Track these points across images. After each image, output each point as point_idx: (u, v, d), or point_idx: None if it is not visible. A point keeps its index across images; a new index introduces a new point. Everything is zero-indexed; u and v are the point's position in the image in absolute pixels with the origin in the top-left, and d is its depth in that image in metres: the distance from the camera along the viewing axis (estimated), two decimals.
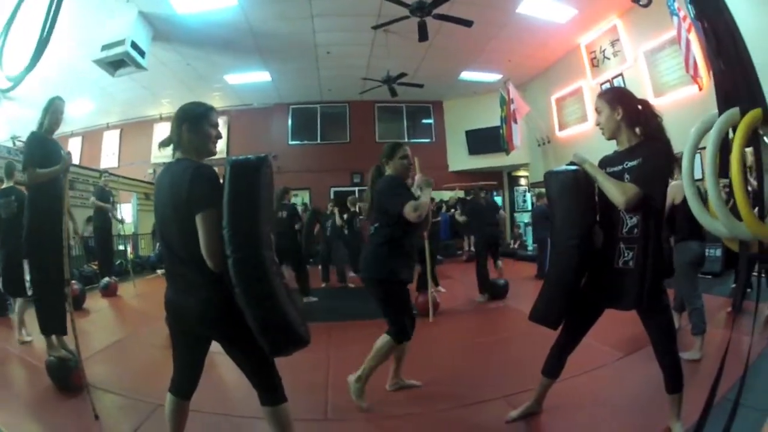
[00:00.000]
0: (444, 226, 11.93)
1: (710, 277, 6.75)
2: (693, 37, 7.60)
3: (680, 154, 2.21)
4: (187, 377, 2.17)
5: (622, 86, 8.99)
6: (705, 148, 1.97)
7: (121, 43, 8.46)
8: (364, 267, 3.26)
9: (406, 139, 14.59)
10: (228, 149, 13.88)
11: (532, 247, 12.56)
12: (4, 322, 5.49)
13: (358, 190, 13.53)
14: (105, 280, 7.92)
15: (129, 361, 4.41)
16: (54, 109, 3.74)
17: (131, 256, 11.74)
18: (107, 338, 5.09)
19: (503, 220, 9.26)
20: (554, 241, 2.65)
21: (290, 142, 15.36)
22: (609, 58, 10.47)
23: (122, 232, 9.99)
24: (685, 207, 2.62)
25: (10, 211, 4.65)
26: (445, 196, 13.88)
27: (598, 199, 2.47)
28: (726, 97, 2.01)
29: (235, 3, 8.59)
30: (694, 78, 7.91)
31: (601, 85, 10.51)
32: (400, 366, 3.42)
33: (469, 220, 7.88)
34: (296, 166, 14.50)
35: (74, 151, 12.56)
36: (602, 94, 2.53)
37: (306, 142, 15.47)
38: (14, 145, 9.11)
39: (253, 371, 2.05)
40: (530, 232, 12.88)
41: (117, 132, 15.25)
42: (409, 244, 3.24)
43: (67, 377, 3.36)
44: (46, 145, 3.72)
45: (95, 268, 8.97)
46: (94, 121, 14.46)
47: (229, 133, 14.27)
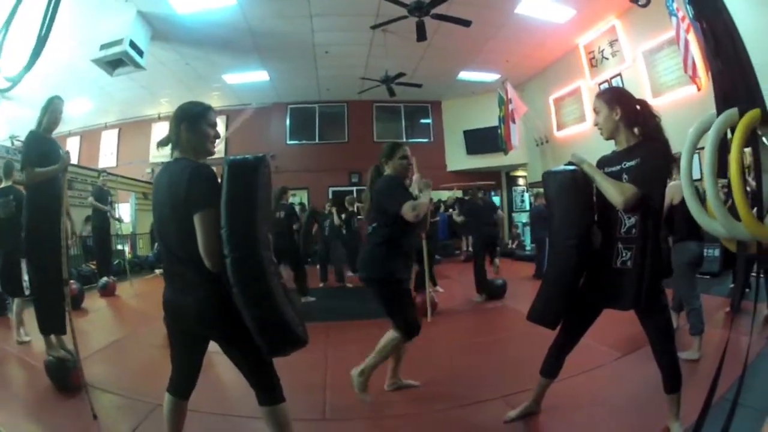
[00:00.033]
0: (442, 226, 11.94)
1: (708, 278, 6.75)
2: (692, 38, 7.61)
3: (678, 154, 2.21)
4: (186, 377, 2.16)
5: (620, 86, 8.99)
6: (703, 149, 1.97)
7: (119, 42, 8.45)
8: (362, 267, 3.27)
9: (405, 139, 14.58)
10: (226, 149, 13.88)
11: (530, 247, 12.58)
12: (3, 321, 5.46)
13: (356, 190, 13.52)
14: (103, 280, 7.92)
15: (127, 361, 4.41)
16: (53, 109, 3.74)
17: (129, 255, 11.73)
18: (106, 338, 5.09)
19: (501, 220, 9.26)
20: (552, 241, 2.64)
21: (288, 142, 15.34)
22: (607, 59, 10.47)
23: (120, 232, 9.97)
24: (684, 207, 2.62)
25: (8, 211, 4.64)
26: (443, 196, 13.89)
27: (596, 199, 2.47)
28: (724, 98, 2.01)
29: (234, 2, 8.58)
30: (693, 78, 7.92)
31: (600, 85, 10.51)
32: (398, 366, 3.42)
33: (467, 221, 7.89)
34: (294, 165, 14.46)
35: (72, 151, 12.53)
36: (600, 94, 2.53)
37: (304, 142, 15.45)
38: (13, 144, 9.08)
39: (251, 371, 2.05)
40: (528, 232, 12.93)
41: (115, 131, 15.21)
42: (407, 244, 3.24)
43: (65, 377, 3.35)
44: (44, 145, 3.71)
45: (93, 267, 8.97)
46: (92, 120, 14.43)
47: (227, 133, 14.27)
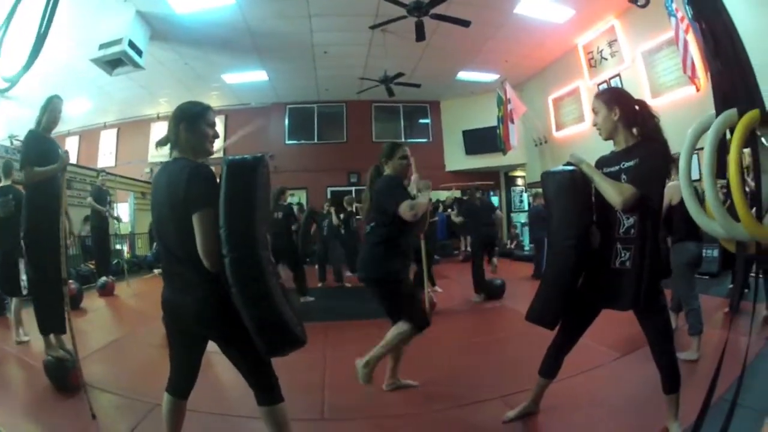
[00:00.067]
0: (441, 226, 11.94)
1: (707, 278, 6.75)
2: (691, 38, 7.61)
3: (677, 154, 2.21)
4: (184, 377, 2.16)
5: (619, 87, 8.99)
6: (702, 149, 1.97)
7: (118, 42, 8.44)
8: (361, 267, 3.27)
9: (403, 139, 14.54)
10: (225, 149, 13.86)
11: (528, 247, 12.59)
12: (2, 321, 5.46)
13: (355, 190, 13.55)
14: (102, 280, 7.92)
15: (126, 361, 4.40)
16: (52, 108, 3.74)
17: (128, 255, 11.72)
18: (104, 338, 5.08)
19: (499, 221, 9.27)
20: (551, 242, 2.64)
21: (287, 142, 15.32)
22: (606, 59, 10.47)
23: (118, 232, 9.96)
24: (683, 208, 2.62)
25: (7, 210, 4.63)
26: (442, 196, 13.89)
27: (594, 199, 2.47)
28: (724, 98, 2.02)
29: (233, 2, 8.57)
30: (692, 79, 7.93)
31: (599, 85, 10.49)
32: (397, 366, 3.42)
33: (465, 221, 7.89)
34: (293, 165, 14.45)
35: (71, 150, 12.49)
36: (599, 95, 2.53)
37: (303, 142, 15.43)
38: (12, 144, 9.07)
39: (250, 371, 2.04)
40: (527, 232, 12.93)
41: (114, 131, 15.20)
42: (405, 244, 3.24)
43: (64, 377, 3.35)
44: (43, 144, 3.72)
45: (92, 267, 8.96)
46: (91, 120, 14.42)
47: (226, 133, 14.27)
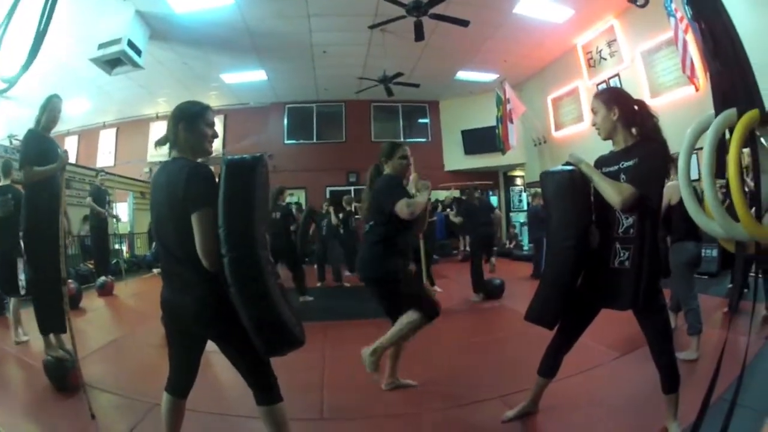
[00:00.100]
0: (439, 226, 11.95)
1: (706, 278, 6.76)
2: (690, 38, 7.61)
3: (676, 154, 2.22)
4: (184, 376, 2.16)
5: (618, 87, 8.99)
6: (702, 149, 1.97)
7: (117, 41, 8.43)
8: (360, 266, 3.27)
9: (402, 139, 14.55)
10: (224, 149, 13.85)
11: (528, 247, 12.59)
12: (1, 321, 5.45)
13: (354, 190, 13.55)
14: (101, 279, 7.91)
15: (125, 361, 4.40)
16: (51, 107, 3.74)
17: (127, 255, 11.72)
18: (104, 337, 5.08)
19: (498, 220, 9.27)
20: (550, 242, 2.63)
21: (286, 142, 15.31)
22: (606, 59, 10.48)
23: (117, 231, 9.94)
24: (682, 207, 2.62)
25: (6, 209, 4.62)
26: (441, 196, 13.89)
27: (594, 199, 2.47)
28: (723, 98, 2.02)
29: (232, 2, 8.56)
30: (691, 79, 7.93)
31: (598, 85, 10.50)
32: (396, 365, 3.42)
33: (464, 221, 7.89)
34: (292, 165, 14.43)
35: (71, 150, 12.46)
36: (598, 95, 2.53)
37: (302, 142, 15.42)
38: (11, 143, 9.05)
39: (249, 370, 2.04)
40: (526, 232, 12.94)
41: (113, 131, 15.17)
42: (404, 243, 3.24)
43: (64, 377, 3.34)
44: (43, 143, 3.71)
45: (91, 267, 8.95)
46: (90, 119, 14.39)
47: (225, 133, 14.27)
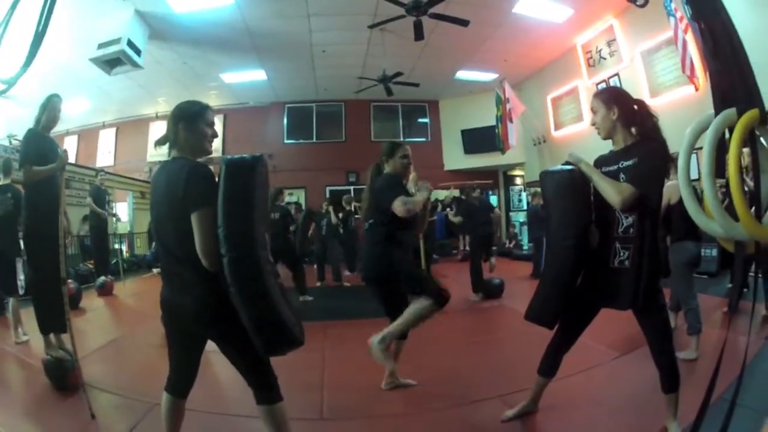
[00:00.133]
0: (439, 226, 11.95)
1: (706, 277, 6.76)
2: (690, 38, 7.61)
3: (676, 154, 2.22)
4: (183, 376, 2.16)
5: (618, 86, 9.00)
6: (701, 149, 1.97)
7: (117, 41, 8.41)
8: (361, 266, 3.28)
9: (402, 138, 14.56)
10: (223, 148, 13.86)
11: (527, 247, 12.59)
12: (1, 321, 5.44)
13: (353, 189, 13.55)
14: (101, 279, 7.92)
15: (125, 361, 4.40)
16: (51, 107, 3.74)
17: (127, 254, 11.71)
18: (103, 337, 5.08)
19: (498, 220, 9.27)
20: (550, 241, 2.63)
21: (286, 141, 15.30)
22: (605, 58, 10.47)
23: (116, 231, 9.94)
24: (681, 207, 2.62)
25: (5, 209, 4.62)
26: (441, 196, 13.89)
27: (593, 198, 2.47)
28: (723, 98, 2.02)
29: (232, 2, 8.55)
30: (691, 78, 7.93)
31: (597, 85, 10.49)
32: (395, 365, 3.41)
33: (463, 220, 7.89)
34: (292, 165, 14.44)
35: (70, 150, 12.43)
36: (598, 94, 2.53)
37: (301, 141, 15.41)
38: (11, 143, 9.05)
39: (249, 370, 2.05)
40: (526, 232, 12.94)
41: (113, 130, 15.15)
42: (405, 242, 3.24)
43: (64, 377, 3.35)
44: (42, 143, 3.71)
45: (91, 266, 8.95)
46: (90, 119, 14.38)
47: (225, 132, 14.26)
